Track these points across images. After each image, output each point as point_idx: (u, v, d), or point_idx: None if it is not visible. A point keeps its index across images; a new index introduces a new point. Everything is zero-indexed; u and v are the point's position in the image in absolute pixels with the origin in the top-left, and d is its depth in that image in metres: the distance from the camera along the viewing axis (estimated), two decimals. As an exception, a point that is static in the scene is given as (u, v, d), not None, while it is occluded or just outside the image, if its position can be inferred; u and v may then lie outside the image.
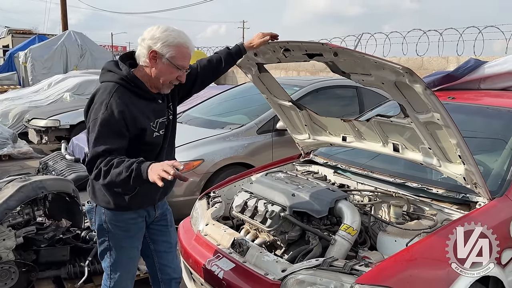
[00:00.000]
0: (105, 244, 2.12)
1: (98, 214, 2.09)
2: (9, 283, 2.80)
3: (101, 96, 1.92)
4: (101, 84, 2.00)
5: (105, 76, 2.00)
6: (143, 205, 2.13)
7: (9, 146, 7.47)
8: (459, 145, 2.11)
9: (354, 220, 2.27)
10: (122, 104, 1.89)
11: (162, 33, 1.91)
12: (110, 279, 2.17)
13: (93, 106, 1.93)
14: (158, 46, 1.90)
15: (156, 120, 2.03)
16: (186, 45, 1.95)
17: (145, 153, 1.95)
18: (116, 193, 2.02)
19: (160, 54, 1.92)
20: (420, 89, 2.00)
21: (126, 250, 2.14)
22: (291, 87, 4.88)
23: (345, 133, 2.84)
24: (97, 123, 1.87)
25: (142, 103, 1.97)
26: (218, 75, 2.39)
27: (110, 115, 1.86)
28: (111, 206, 2.05)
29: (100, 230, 2.12)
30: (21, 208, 3.06)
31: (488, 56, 8.04)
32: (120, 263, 2.14)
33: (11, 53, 17.43)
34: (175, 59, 1.93)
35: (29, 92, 10.76)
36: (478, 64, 3.38)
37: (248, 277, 2.16)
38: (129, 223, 2.10)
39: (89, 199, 2.15)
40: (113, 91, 1.91)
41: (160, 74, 1.96)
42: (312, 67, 11.81)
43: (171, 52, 1.92)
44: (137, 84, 1.96)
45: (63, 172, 5.61)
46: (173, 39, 1.91)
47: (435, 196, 2.46)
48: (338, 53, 2.16)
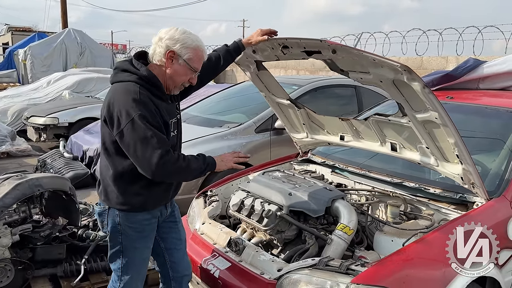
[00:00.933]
0: (118, 246, 2.08)
1: (111, 216, 2.05)
2: (4, 281, 2.79)
3: (126, 97, 1.87)
4: (116, 85, 1.96)
5: (119, 76, 1.97)
6: (157, 205, 2.11)
7: (8, 144, 7.45)
8: (457, 144, 2.10)
9: (351, 220, 2.26)
10: (150, 102, 1.89)
11: (181, 35, 1.95)
12: (120, 281, 2.12)
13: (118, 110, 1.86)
14: (177, 47, 1.93)
15: (170, 120, 2.03)
16: (202, 48, 2.01)
17: None
18: (131, 194, 2.00)
19: (178, 55, 1.94)
20: (418, 88, 1.98)
21: (140, 251, 2.12)
22: (290, 86, 4.87)
23: (343, 132, 2.83)
24: (135, 124, 1.82)
25: (159, 103, 1.96)
26: (217, 73, 2.39)
27: (146, 112, 1.85)
28: (126, 207, 2.02)
29: (113, 232, 2.07)
30: (17, 205, 3.05)
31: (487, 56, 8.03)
32: (132, 265, 2.11)
33: (10, 51, 17.38)
34: (192, 61, 1.97)
35: (28, 90, 10.76)
36: (477, 63, 3.37)
37: (244, 276, 2.15)
38: (143, 224, 2.07)
39: (100, 201, 2.11)
40: (138, 90, 1.89)
41: (174, 75, 1.97)
42: (311, 66, 11.80)
43: (189, 54, 1.95)
44: (156, 84, 1.96)
45: (61, 170, 5.61)
46: (191, 42, 1.96)
47: (432, 196, 2.45)
48: (337, 50, 2.14)
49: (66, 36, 15.23)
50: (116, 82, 1.98)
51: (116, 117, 1.86)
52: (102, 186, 2.07)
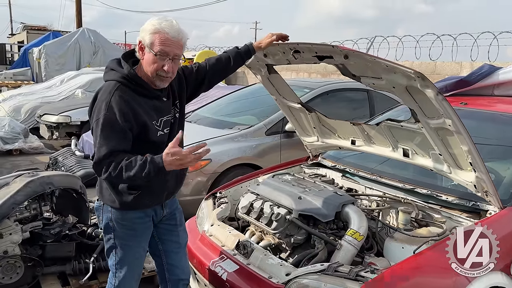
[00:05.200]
0: (111, 242, 2.11)
1: (105, 212, 2.08)
2: (14, 277, 2.82)
3: (102, 96, 1.92)
4: (104, 83, 2.00)
5: (108, 75, 2.00)
6: (149, 205, 2.11)
7: (21, 141, 7.54)
8: (470, 152, 2.07)
9: (361, 226, 2.24)
10: (123, 103, 1.88)
11: (148, 23, 1.91)
12: (115, 278, 2.15)
13: (96, 106, 1.92)
14: (142, 36, 1.90)
15: (159, 118, 2.00)
16: (166, 30, 1.87)
17: (151, 152, 1.89)
18: (122, 192, 2.01)
19: (143, 44, 1.90)
20: (431, 94, 1.96)
21: (132, 249, 2.13)
22: (302, 89, 4.85)
23: (354, 136, 2.81)
24: (99, 123, 1.86)
25: (144, 101, 1.95)
26: (226, 74, 2.38)
27: (112, 115, 1.85)
28: (117, 205, 2.04)
29: (106, 228, 2.11)
30: (28, 203, 3.07)
31: (502, 62, 7.93)
32: (125, 262, 2.13)
33: (25, 49, 17.63)
34: (153, 45, 1.87)
35: (41, 88, 10.88)
36: (492, 70, 3.32)
37: (251, 279, 2.14)
38: (135, 222, 2.09)
39: (97, 197, 2.15)
40: (113, 90, 1.90)
41: (146, 65, 1.93)
42: (323, 69, 11.77)
43: (151, 39, 1.88)
44: (138, 82, 1.95)
45: (72, 168, 5.65)
46: (152, 27, 1.88)
47: (444, 203, 2.41)
48: (349, 56, 2.13)
49: (80, 35, 15.40)
50: (106, 80, 2.01)
51: (93, 113, 1.93)
52: (98, 182, 2.11)
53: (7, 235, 2.80)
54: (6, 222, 2.79)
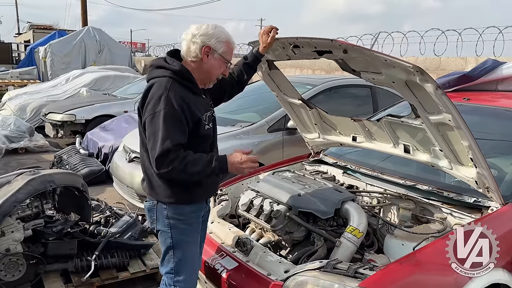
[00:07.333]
0: (168, 242, 2.09)
1: (160, 210, 2.07)
2: (16, 275, 2.83)
3: (158, 91, 1.95)
4: (152, 80, 2.03)
5: (155, 72, 2.05)
6: (204, 197, 2.16)
7: (26, 139, 7.60)
8: (471, 147, 2.05)
9: (361, 222, 2.22)
10: (180, 97, 1.94)
11: (214, 30, 2.04)
12: (174, 282, 2.12)
13: (150, 101, 1.95)
14: (212, 42, 2.02)
15: (205, 113, 2.08)
16: (233, 41, 2.12)
17: (201, 146, 2.01)
18: (178, 186, 2.02)
19: (214, 50, 2.03)
20: (431, 89, 1.93)
21: (190, 245, 2.13)
22: (304, 86, 4.83)
23: (355, 133, 2.79)
24: (159, 117, 1.89)
25: (193, 97, 2.03)
26: (243, 86, 2.49)
27: (173, 109, 1.90)
28: (174, 200, 2.04)
29: (163, 227, 2.08)
30: (30, 201, 3.09)
31: (508, 57, 7.82)
32: (185, 262, 2.11)
33: (31, 48, 17.73)
34: (226, 54, 2.07)
35: (47, 87, 10.93)
36: (496, 64, 3.28)
37: (250, 276, 2.13)
38: (190, 216, 2.10)
39: (147, 197, 2.13)
40: (169, 85, 1.95)
41: (211, 69, 2.07)
42: (327, 66, 11.70)
43: (224, 47, 2.05)
44: (189, 78, 2.03)
45: (76, 166, 5.69)
46: (224, 36, 2.06)
47: (445, 200, 2.39)
48: (348, 50, 2.11)
49: (85, 34, 15.45)
50: (151, 78, 2.05)
51: (145, 109, 1.98)
52: (147, 180, 2.11)
53: (9, 233, 2.82)
54: (8, 220, 2.81)
